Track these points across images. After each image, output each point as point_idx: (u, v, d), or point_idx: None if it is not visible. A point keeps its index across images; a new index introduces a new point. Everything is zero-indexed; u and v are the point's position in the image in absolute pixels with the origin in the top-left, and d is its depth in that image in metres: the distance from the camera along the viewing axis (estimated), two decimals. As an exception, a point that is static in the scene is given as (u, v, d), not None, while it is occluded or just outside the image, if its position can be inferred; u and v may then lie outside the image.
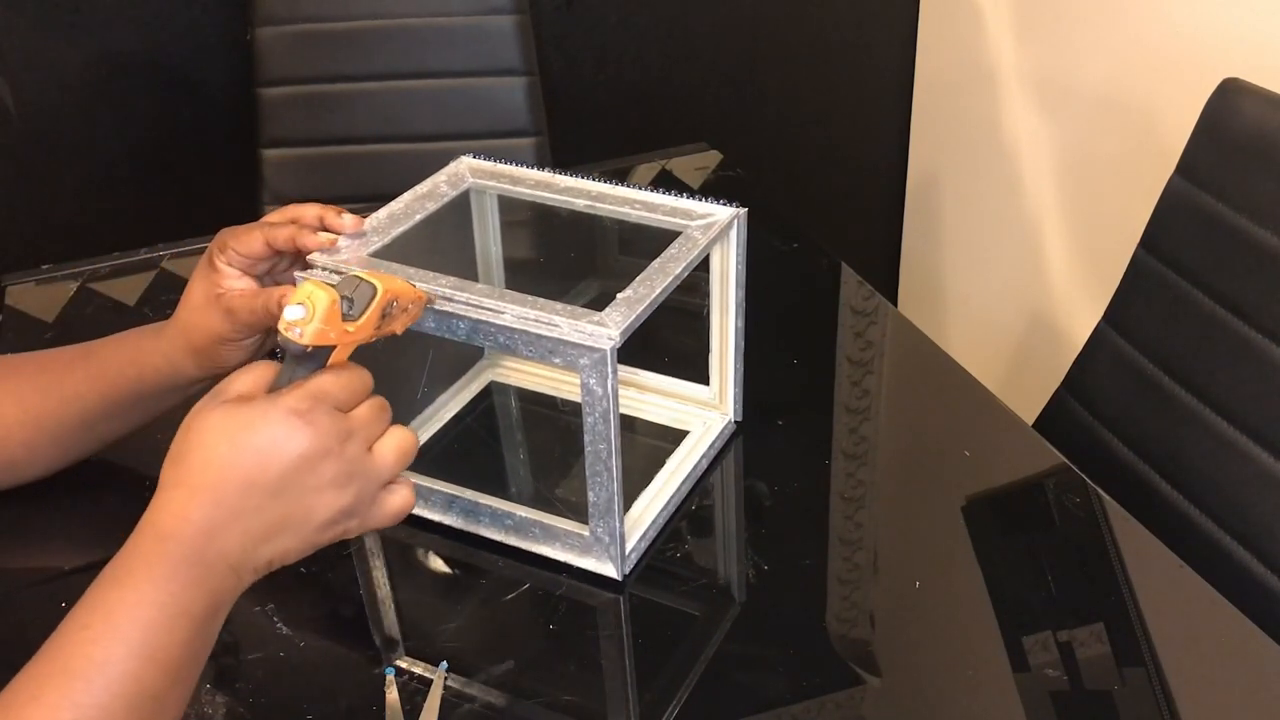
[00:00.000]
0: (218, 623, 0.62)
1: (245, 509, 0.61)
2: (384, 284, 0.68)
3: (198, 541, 0.60)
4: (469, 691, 0.74)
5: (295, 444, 0.62)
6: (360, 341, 0.68)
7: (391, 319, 0.70)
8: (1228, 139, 1.01)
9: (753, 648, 0.77)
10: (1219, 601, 0.78)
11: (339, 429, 0.64)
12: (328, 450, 0.63)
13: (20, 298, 1.20)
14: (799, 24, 1.99)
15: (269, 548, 0.63)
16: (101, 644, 0.57)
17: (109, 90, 1.74)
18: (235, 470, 0.61)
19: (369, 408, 0.67)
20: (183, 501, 0.60)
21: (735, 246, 0.87)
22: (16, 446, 0.83)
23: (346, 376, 0.66)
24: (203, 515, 0.60)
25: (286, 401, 0.63)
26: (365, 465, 0.66)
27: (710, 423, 0.95)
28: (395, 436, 0.68)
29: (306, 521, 0.64)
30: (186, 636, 0.59)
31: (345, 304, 0.66)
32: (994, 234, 1.91)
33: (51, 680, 0.56)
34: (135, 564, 0.60)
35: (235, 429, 0.61)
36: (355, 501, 0.65)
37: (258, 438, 0.61)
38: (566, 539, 0.82)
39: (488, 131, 1.62)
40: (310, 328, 0.64)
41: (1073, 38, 1.62)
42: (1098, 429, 1.11)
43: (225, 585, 0.62)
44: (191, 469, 0.61)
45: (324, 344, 0.65)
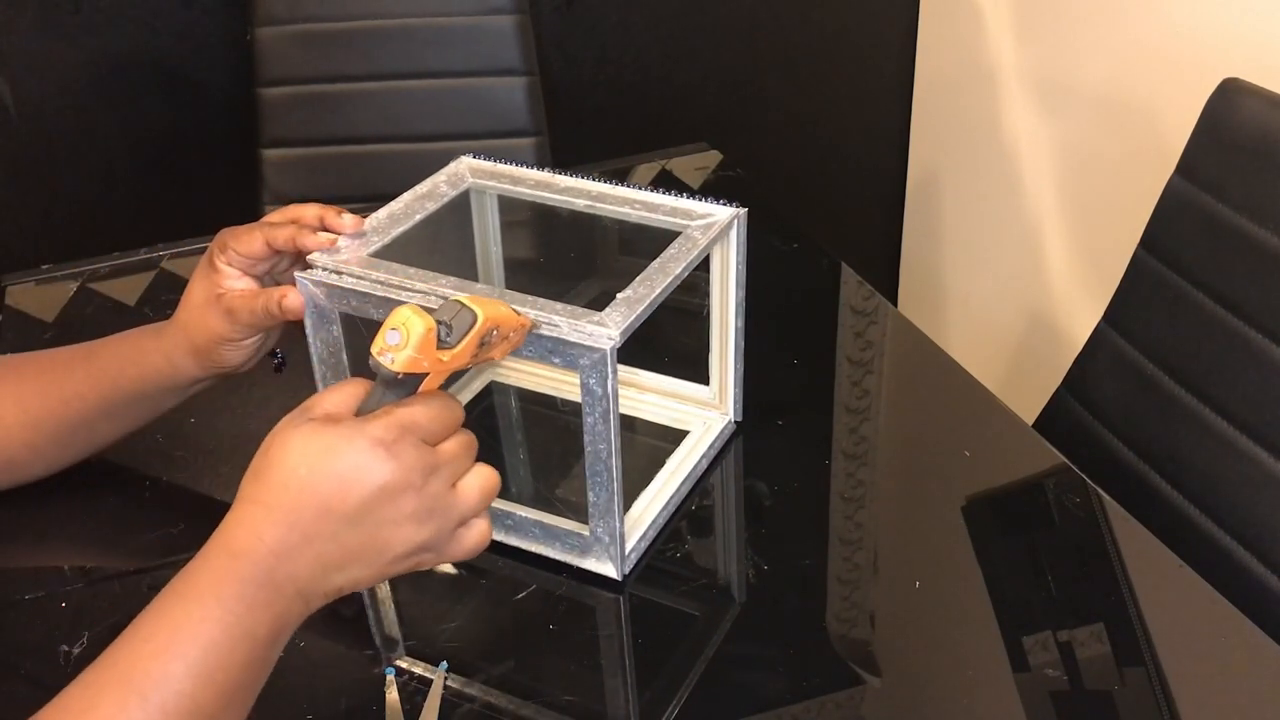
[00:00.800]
0: (278, 648, 0.61)
1: (319, 534, 0.60)
2: (485, 311, 0.65)
3: (268, 562, 0.59)
4: (469, 691, 0.74)
5: (376, 475, 0.60)
6: (456, 369, 0.65)
7: (490, 347, 0.67)
8: (1228, 139, 1.01)
9: (753, 648, 0.77)
10: (1219, 601, 0.78)
11: (424, 463, 0.62)
12: (409, 484, 0.61)
13: (20, 298, 1.20)
14: (799, 24, 1.99)
15: (340, 575, 0.62)
16: (162, 659, 0.56)
17: (109, 90, 1.74)
18: (313, 495, 0.60)
19: (456, 443, 0.65)
20: (258, 520, 0.59)
21: (735, 246, 0.87)
22: (17, 447, 0.83)
23: (437, 408, 0.64)
24: (276, 536, 0.59)
25: (373, 430, 0.61)
26: (446, 502, 0.64)
27: (710, 423, 0.95)
28: (479, 475, 0.66)
29: (381, 553, 0.62)
30: (247, 659, 0.58)
31: (443, 329, 0.64)
32: (994, 234, 1.91)
33: (108, 691, 0.55)
34: (203, 580, 0.58)
35: (318, 452, 0.60)
36: (432, 537, 0.64)
37: (339, 464, 0.60)
38: (566, 539, 0.82)
39: (488, 131, 1.62)
40: (402, 355, 0.62)
41: (1073, 38, 1.62)
42: (1098, 429, 1.11)
43: (292, 610, 0.60)
44: (270, 487, 0.60)
45: (416, 371, 0.63)
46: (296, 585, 0.60)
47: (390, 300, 0.77)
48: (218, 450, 0.95)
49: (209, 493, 0.91)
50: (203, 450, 0.95)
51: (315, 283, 0.79)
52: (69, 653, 0.76)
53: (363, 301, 0.78)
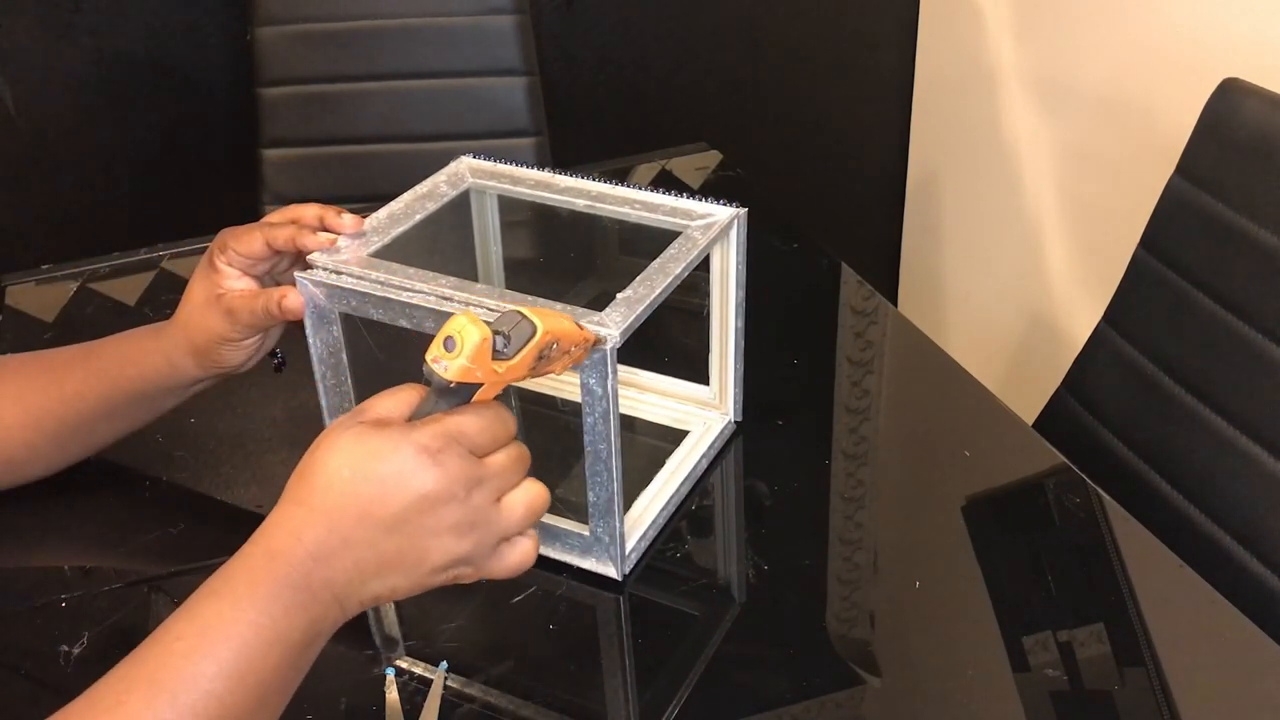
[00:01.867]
0: (313, 653, 0.60)
1: (358, 540, 0.59)
2: (545, 324, 0.63)
3: (306, 565, 0.58)
4: (469, 691, 0.74)
5: (419, 482, 0.60)
6: (512, 382, 0.64)
7: (549, 361, 0.65)
8: (1228, 139, 1.01)
9: (753, 648, 0.77)
10: (1219, 601, 0.78)
11: (468, 475, 0.61)
12: (452, 495, 0.61)
13: (20, 298, 1.20)
14: (799, 24, 1.99)
15: (378, 583, 0.61)
16: (193, 658, 0.55)
17: (109, 90, 1.74)
18: (354, 498, 0.59)
19: (506, 456, 0.64)
20: (299, 521, 0.59)
21: (735, 246, 0.87)
22: (17, 446, 0.83)
23: (488, 419, 0.63)
24: (315, 538, 0.59)
25: (419, 437, 0.60)
26: (490, 516, 0.63)
27: (710, 423, 0.95)
28: (527, 491, 0.65)
29: (420, 563, 0.61)
30: (279, 663, 0.57)
31: (500, 340, 0.62)
32: (994, 234, 1.91)
33: (137, 688, 0.55)
34: (239, 580, 0.58)
35: (362, 455, 0.60)
36: (473, 550, 0.63)
37: (383, 468, 0.59)
38: (566, 539, 0.82)
39: (488, 131, 1.62)
40: (456, 364, 0.60)
41: (1073, 38, 1.62)
42: (1098, 429, 1.11)
43: (327, 615, 0.60)
44: (313, 488, 0.59)
45: (470, 381, 0.61)
46: (333, 590, 0.59)
47: (390, 300, 0.77)
48: (218, 450, 0.95)
49: (209, 493, 0.91)
50: (203, 450, 0.95)
51: (315, 283, 0.79)
52: (69, 653, 0.76)
53: (363, 301, 0.78)
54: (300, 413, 0.99)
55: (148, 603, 0.81)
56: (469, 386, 0.62)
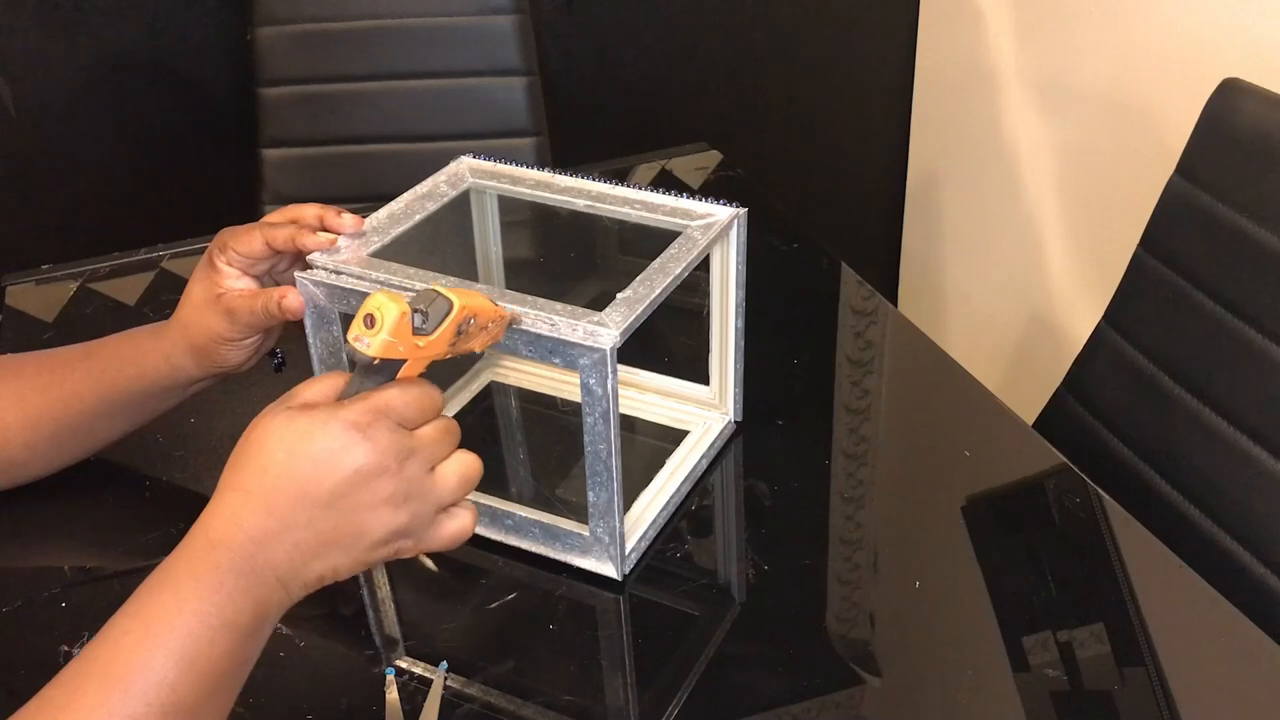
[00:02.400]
0: (262, 637, 0.61)
1: (297, 520, 0.60)
2: (461, 300, 0.66)
3: (247, 550, 0.59)
4: (469, 691, 0.74)
5: (351, 458, 0.60)
6: (434, 357, 0.65)
7: (469, 336, 0.68)
8: (1228, 139, 1.01)
9: (753, 648, 0.77)
10: (1219, 601, 0.78)
11: (399, 446, 0.62)
12: (385, 468, 0.61)
13: (20, 298, 1.20)
14: (799, 24, 1.99)
15: (319, 563, 0.61)
16: (142, 650, 0.56)
17: (109, 90, 1.74)
18: (290, 480, 0.60)
19: (435, 428, 0.65)
20: (236, 507, 0.60)
21: (735, 246, 0.87)
22: (17, 446, 0.83)
23: (414, 393, 0.64)
24: (254, 523, 0.59)
25: (347, 414, 0.61)
26: (424, 486, 0.64)
27: (710, 423, 0.95)
28: (460, 461, 0.66)
29: (359, 538, 0.62)
30: (228, 648, 0.58)
31: (418, 317, 0.64)
32: (994, 234, 1.91)
33: (89, 684, 0.55)
34: (182, 570, 0.59)
35: (294, 437, 0.60)
36: (410, 522, 0.64)
37: (314, 448, 0.60)
38: (566, 539, 0.82)
39: (488, 131, 1.62)
40: (377, 339, 0.62)
41: (1073, 38, 1.62)
42: (1098, 429, 1.11)
43: (272, 598, 0.60)
44: (249, 474, 0.60)
45: (392, 357, 0.63)
46: (276, 573, 0.60)
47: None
48: (218, 450, 0.95)
49: (209, 493, 0.90)
50: (203, 450, 0.95)
51: (315, 283, 0.79)
52: (69, 653, 0.76)
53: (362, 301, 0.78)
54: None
55: (148, 603, 0.81)
56: (393, 364, 0.64)
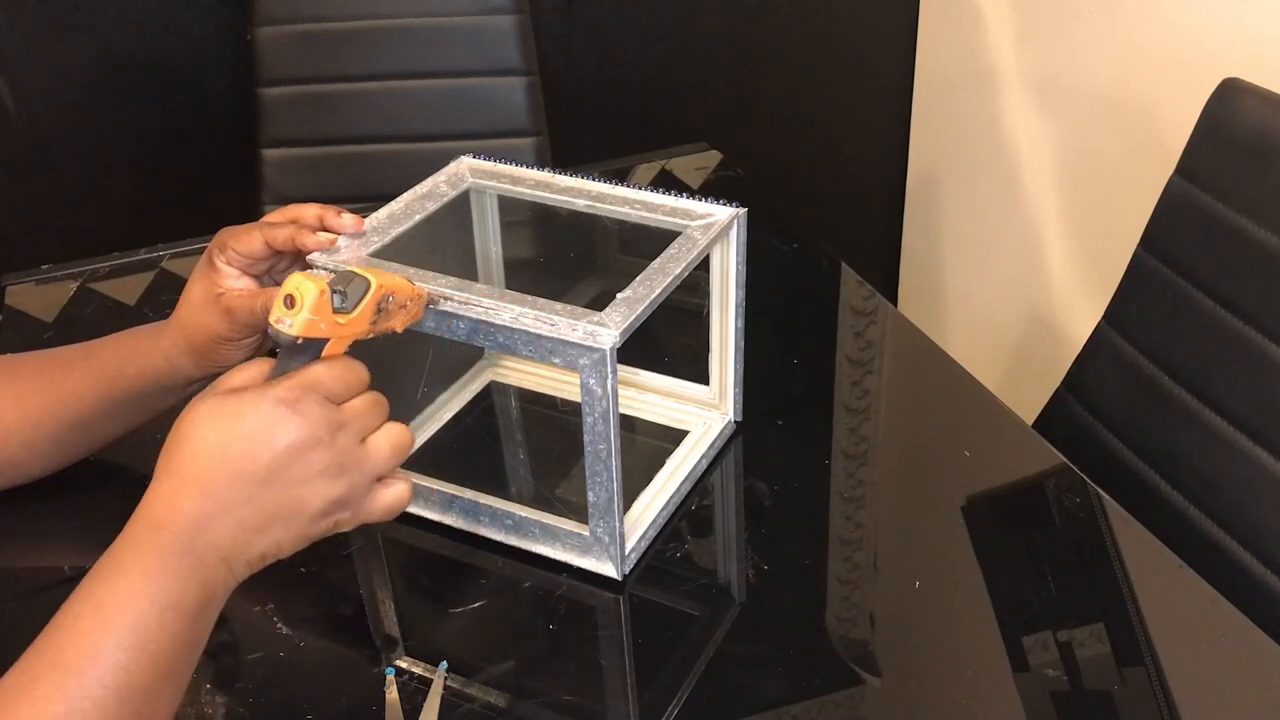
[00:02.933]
0: (210, 617, 0.62)
1: (235, 499, 0.61)
2: (378, 279, 0.68)
3: (189, 532, 0.60)
4: (469, 691, 0.74)
5: (283, 434, 0.62)
6: (355, 336, 0.67)
7: (388, 315, 0.70)
8: (1228, 139, 1.01)
9: (753, 648, 0.77)
10: (1219, 601, 0.78)
11: (329, 419, 0.64)
12: (317, 440, 0.63)
13: (20, 298, 1.20)
14: (799, 24, 1.99)
15: (261, 539, 0.63)
16: (93, 636, 0.57)
17: (109, 90, 1.74)
18: (224, 460, 0.61)
19: (363, 401, 0.67)
20: (173, 491, 0.61)
21: (735, 246, 0.87)
22: (16, 446, 0.83)
23: (340, 368, 0.66)
24: (193, 505, 0.60)
25: (275, 392, 0.63)
26: (357, 456, 0.66)
27: (710, 423, 0.95)
28: (390, 431, 0.68)
29: (298, 513, 0.63)
30: (178, 629, 0.59)
31: (338, 297, 0.66)
32: (994, 234, 1.91)
33: (44, 673, 0.56)
34: (126, 556, 0.60)
35: (224, 419, 0.62)
36: (347, 493, 0.65)
37: (246, 427, 0.61)
38: (566, 539, 0.82)
39: (488, 131, 1.62)
40: (299, 318, 0.64)
41: (1073, 38, 1.62)
42: (1098, 429, 1.11)
43: (217, 578, 0.61)
44: (182, 459, 0.61)
45: (314, 335, 0.65)
46: (218, 553, 0.61)
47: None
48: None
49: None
50: (203, 450, 0.95)
51: (315, 283, 0.79)
52: (69, 653, 0.76)
53: (363, 301, 0.78)
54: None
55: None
56: (317, 343, 0.65)
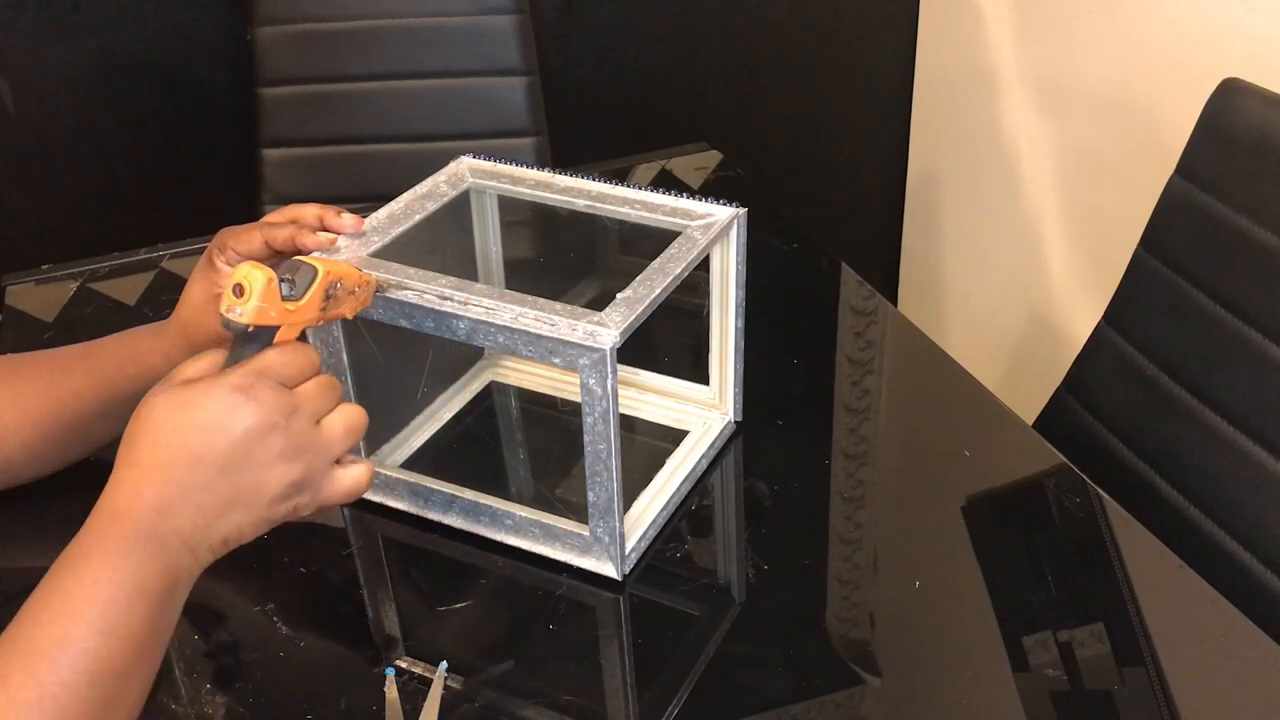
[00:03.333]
0: (177, 600, 0.63)
1: (195, 485, 0.62)
2: (325, 266, 0.69)
3: (150, 518, 0.61)
4: (469, 691, 0.74)
5: (239, 419, 0.63)
6: (306, 323, 0.69)
7: (338, 301, 0.71)
8: (1228, 139, 1.01)
9: (753, 648, 0.77)
10: (1219, 601, 0.78)
11: (283, 403, 0.65)
12: (273, 424, 0.64)
13: (20, 298, 1.20)
14: (799, 24, 1.99)
15: (223, 524, 0.64)
16: (61, 623, 0.58)
17: (109, 90, 1.74)
18: (182, 448, 0.62)
19: (316, 384, 0.68)
20: (134, 481, 0.62)
21: (735, 246, 0.87)
22: (15, 447, 0.83)
23: (291, 353, 0.67)
24: (154, 493, 0.61)
25: (229, 379, 0.64)
26: (313, 438, 0.66)
27: (710, 423, 0.95)
28: (344, 413, 0.69)
29: (258, 496, 0.64)
30: (145, 613, 0.60)
31: (286, 285, 0.67)
32: (994, 234, 1.91)
33: (15, 661, 0.57)
34: (90, 544, 0.61)
35: (181, 408, 0.63)
36: (305, 475, 0.66)
37: (202, 414, 0.62)
38: (566, 539, 0.82)
39: (488, 131, 1.62)
40: (249, 306, 0.65)
41: (1073, 38, 1.62)
42: (1098, 429, 1.11)
43: (181, 562, 0.62)
44: (141, 449, 0.62)
45: (265, 323, 0.66)
46: (181, 538, 0.62)
47: (390, 300, 0.77)
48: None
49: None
50: (203, 450, 0.95)
51: (315, 283, 0.79)
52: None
53: (363, 301, 0.78)
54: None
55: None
56: (267, 331, 0.67)
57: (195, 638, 0.79)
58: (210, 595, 0.83)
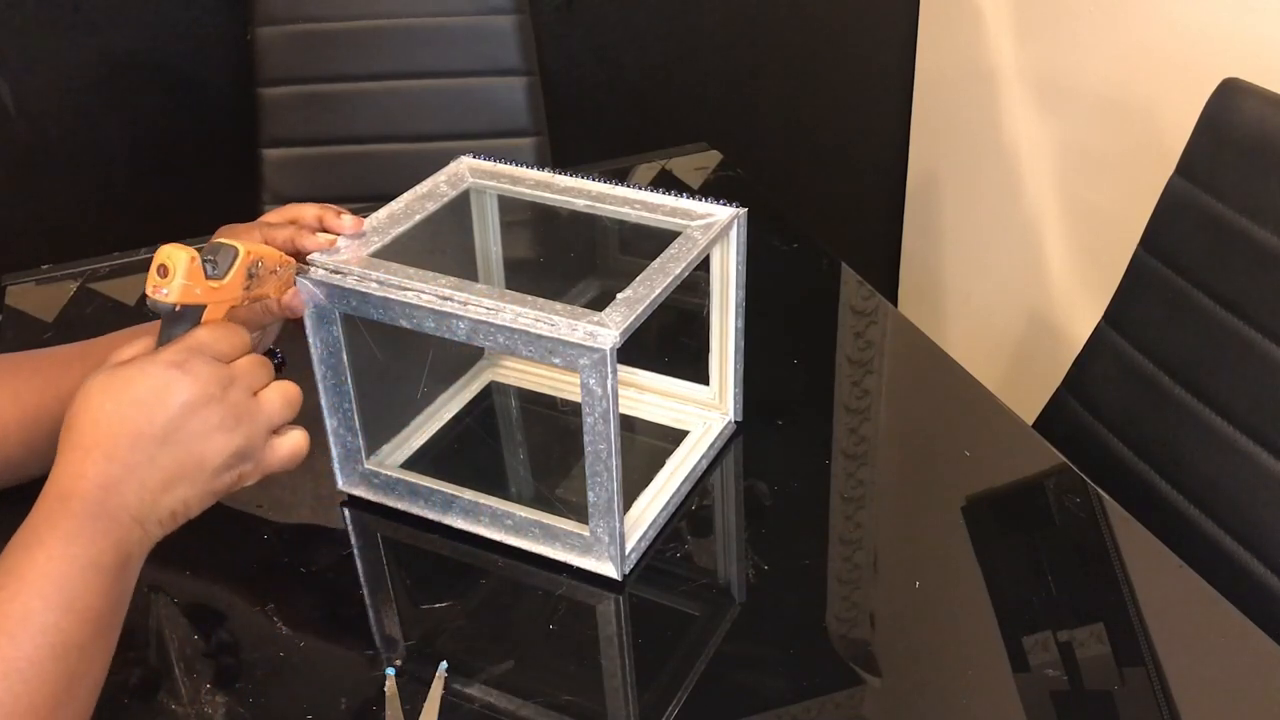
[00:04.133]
0: (130, 574, 0.65)
1: (138, 461, 0.64)
2: (247, 246, 0.72)
3: (96, 495, 0.63)
4: (469, 691, 0.74)
5: (176, 393, 0.65)
6: (231, 301, 0.71)
7: (261, 280, 0.73)
8: (1228, 139, 1.01)
9: (753, 648, 0.77)
10: (1219, 601, 0.78)
11: (219, 376, 0.67)
12: (210, 396, 0.66)
13: (20, 298, 1.19)
14: (799, 24, 1.99)
15: (169, 497, 0.65)
16: (20, 600, 0.59)
17: (109, 90, 1.74)
18: (122, 424, 0.64)
19: (249, 359, 0.70)
20: (78, 462, 0.63)
21: (735, 246, 0.87)
22: (14, 445, 0.83)
23: (221, 331, 0.69)
24: (98, 471, 0.63)
25: (164, 355, 0.66)
26: (251, 408, 0.69)
27: (710, 423, 0.95)
28: (280, 386, 0.71)
29: (200, 468, 0.66)
30: (101, 587, 0.62)
31: (209, 265, 0.69)
32: (994, 234, 1.91)
33: None
34: (41, 526, 0.62)
35: (118, 388, 0.64)
36: (245, 444, 0.68)
37: (139, 391, 0.64)
38: (566, 539, 0.82)
39: (488, 131, 1.62)
40: (175, 284, 0.68)
41: (1073, 38, 1.62)
42: (1098, 429, 1.11)
43: (131, 537, 0.64)
44: (83, 431, 0.64)
45: (191, 301, 0.68)
46: (129, 513, 0.64)
47: (390, 300, 0.77)
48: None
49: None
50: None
51: (315, 282, 0.79)
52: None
53: (363, 301, 0.78)
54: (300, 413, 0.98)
55: (148, 603, 0.81)
56: (194, 310, 0.69)
57: (195, 638, 0.79)
58: (210, 595, 0.83)
